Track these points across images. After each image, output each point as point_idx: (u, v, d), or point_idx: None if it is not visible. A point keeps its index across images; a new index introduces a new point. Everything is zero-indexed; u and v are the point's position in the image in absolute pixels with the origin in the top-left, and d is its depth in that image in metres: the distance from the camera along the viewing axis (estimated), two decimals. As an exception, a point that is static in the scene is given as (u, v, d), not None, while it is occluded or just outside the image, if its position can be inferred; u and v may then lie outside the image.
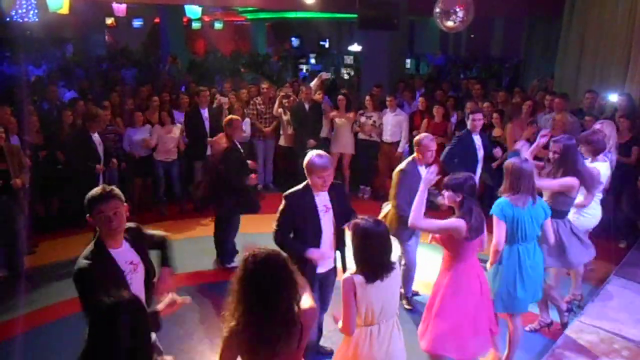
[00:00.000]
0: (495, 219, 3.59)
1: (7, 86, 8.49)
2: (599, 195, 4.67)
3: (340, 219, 3.54)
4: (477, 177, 5.07)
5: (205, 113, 7.19)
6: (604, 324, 4.19)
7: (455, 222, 3.27)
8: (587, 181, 4.12)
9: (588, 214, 4.59)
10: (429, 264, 4.96)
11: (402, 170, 4.49)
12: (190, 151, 7.24)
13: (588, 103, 6.93)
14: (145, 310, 2.14)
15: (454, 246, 3.34)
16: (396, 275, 2.81)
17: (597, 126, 5.24)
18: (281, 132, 8.04)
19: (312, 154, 3.52)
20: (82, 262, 2.53)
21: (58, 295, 4.86)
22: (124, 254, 2.67)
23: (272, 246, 2.44)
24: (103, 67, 12.78)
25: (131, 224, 2.79)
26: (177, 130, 7.05)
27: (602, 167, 4.60)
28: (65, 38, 16.23)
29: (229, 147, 5.32)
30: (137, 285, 2.67)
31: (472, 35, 18.47)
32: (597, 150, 4.61)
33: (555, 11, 9.45)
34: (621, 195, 6.09)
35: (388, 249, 2.76)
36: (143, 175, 7.14)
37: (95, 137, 5.97)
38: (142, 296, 2.65)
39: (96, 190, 2.61)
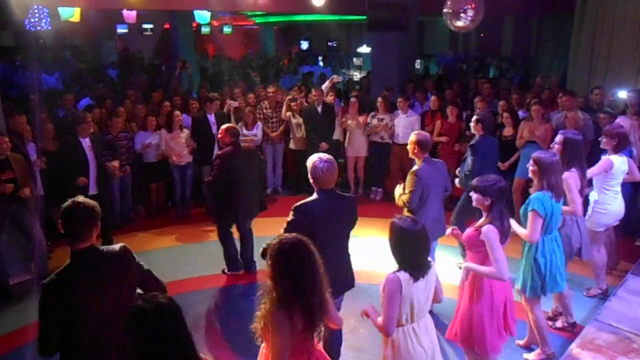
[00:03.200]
0: (534, 214, 3.64)
1: (21, 94, 8.60)
2: (616, 189, 4.65)
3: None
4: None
5: (212, 118, 7.24)
6: (622, 323, 4.14)
7: (490, 235, 3.17)
8: (582, 178, 4.17)
9: (603, 209, 4.59)
10: (444, 264, 4.96)
11: (414, 173, 4.52)
12: (197, 156, 7.28)
13: (597, 99, 6.88)
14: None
15: (484, 253, 3.25)
16: (433, 272, 2.84)
17: (617, 121, 5.23)
18: (291, 135, 8.06)
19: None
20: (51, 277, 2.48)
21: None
22: None
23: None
24: (112, 73, 12.90)
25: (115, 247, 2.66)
26: (184, 135, 7.10)
27: (616, 161, 4.58)
28: (77, 45, 16.40)
29: None
30: None
31: (482, 35, 18.37)
32: (620, 144, 4.61)
33: (566, 9, 9.39)
34: (636, 192, 6.03)
35: (427, 247, 2.81)
36: (156, 180, 7.21)
37: (86, 142, 5.77)
38: None
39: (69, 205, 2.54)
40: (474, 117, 5.60)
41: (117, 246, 2.63)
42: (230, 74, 13.99)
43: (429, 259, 2.82)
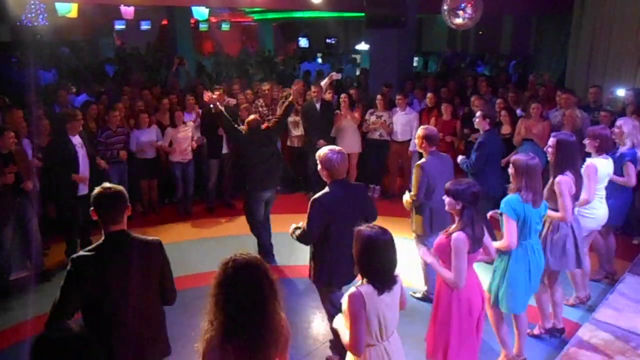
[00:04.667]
0: (505, 218, 3.55)
1: (18, 90, 8.56)
2: (601, 194, 4.53)
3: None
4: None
5: None
6: (619, 322, 4.14)
7: (458, 243, 3.06)
8: (577, 181, 4.02)
9: (590, 214, 4.48)
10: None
11: (420, 166, 4.57)
12: (206, 149, 7.30)
13: (593, 98, 6.87)
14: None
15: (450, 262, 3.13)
16: (399, 286, 2.67)
17: (618, 122, 5.11)
18: (290, 133, 8.03)
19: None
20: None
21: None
22: None
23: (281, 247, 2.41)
24: (109, 69, 12.86)
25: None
26: (188, 128, 7.08)
27: (600, 164, 4.45)
28: (74, 41, 16.35)
29: None
30: None
31: (481, 32, 18.34)
32: (602, 147, 4.51)
33: (564, 7, 9.38)
34: (634, 191, 6.02)
35: (394, 259, 2.60)
36: (148, 177, 7.16)
37: (76, 139, 5.66)
38: None
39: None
40: (479, 113, 5.55)
41: (150, 237, 2.80)
42: (228, 70, 13.96)
43: (396, 273, 2.64)
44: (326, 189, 3.59)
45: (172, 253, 2.91)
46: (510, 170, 3.71)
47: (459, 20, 6.19)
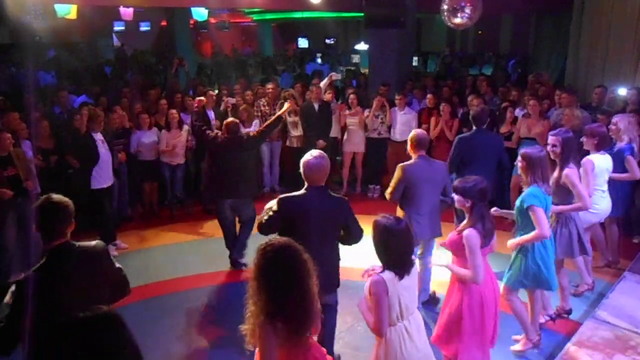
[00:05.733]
0: (535, 209, 3.61)
1: (17, 91, 8.56)
2: (602, 188, 4.64)
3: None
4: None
5: (211, 114, 7.20)
6: (619, 321, 4.14)
7: (470, 240, 3.16)
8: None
9: (593, 209, 4.53)
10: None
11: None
12: (197, 152, 7.26)
13: (597, 98, 6.88)
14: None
15: (466, 257, 3.24)
16: (415, 269, 2.84)
17: (614, 119, 5.23)
18: (289, 133, 8.03)
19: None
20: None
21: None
22: None
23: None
24: (108, 71, 12.86)
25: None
26: (185, 133, 7.07)
27: (598, 160, 4.57)
28: (73, 43, 16.35)
29: None
30: None
31: (480, 32, 18.35)
32: (600, 144, 4.61)
33: (564, 6, 9.39)
34: (634, 190, 6.04)
35: (411, 245, 2.80)
36: (150, 179, 7.16)
37: (98, 135, 5.92)
38: None
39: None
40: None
41: (93, 242, 2.65)
42: (227, 70, 13.96)
43: (413, 257, 2.82)
44: (299, 191, 3.46)
45: (171, 255, 2.90)
46: (521, 164, 3.78)
47: (458, 20, 6.20)
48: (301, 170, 3.44)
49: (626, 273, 4.93)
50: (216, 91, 8.47)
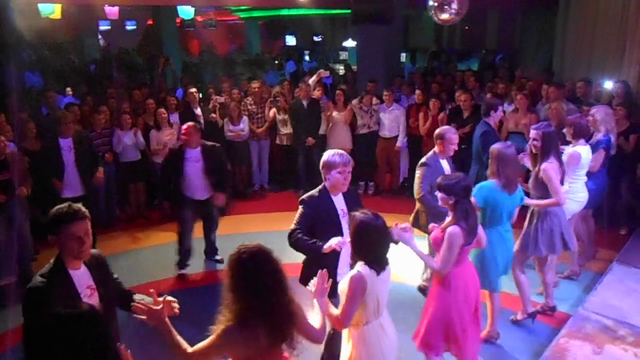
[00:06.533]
0: (473, 200, 3.59)
1: (2, 93, 8.45)
2: (583, 179, 4.69)
3: None
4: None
5: (198, 112, 7.16)
6: (608, 312, 4.20)
7: (452, 237, 3.15)
8: (563, 167, 4.22)
9: (575, 197, 4.63)
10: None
11: (424, 164, 4.49)
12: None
13: (581, 92, 6.95)
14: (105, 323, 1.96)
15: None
16: (389, 269, 2.82)
17: (592, 111, 5.30)
18: (279, 131, 8.01)
19: (332, 152, 3.40)
20: (37, 279, 2.40)
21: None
22: (82, 276, 2.53)
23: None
24: (92, 69, 12.75)
25: (94, 251, 2.66)
26: (174, 132, 7.00)
27: (582, 151, 4.61)
28: (58, 42, 16.15)
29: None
30: None
31: (467, 28, 18.42)
32: (579, 134, 4.65)
33: (550, 2, 9.44)
34: (620, 182, 6.11)
35: (387, 242, 2.80)
36: (135, 180, 7.05)
37: (66, 142, 5.59)
38: None
39: (63, 209, 2.43)
40: None
41: (95, 251, 2.65)
42: (214, 69, 13.89)
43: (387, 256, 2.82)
44: (316, 189, 3.46)
45: (160, 255, 2.89)
46: (490, 158, 3.86)
47: (445, 16, 6.20)
48: (324, 167, 3.40)
49: (614, 264, 5.00)
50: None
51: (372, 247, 2.72)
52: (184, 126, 5.37)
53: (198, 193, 5.38)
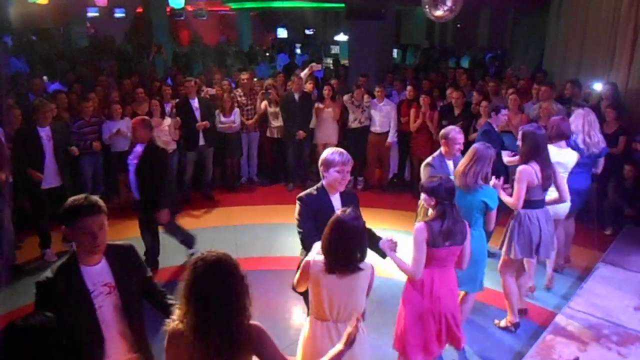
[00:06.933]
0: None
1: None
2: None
3: None
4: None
5: (195, 103, 7.08)
6: (593, 310, 4.24)
7: (415, 233, 3.16)
8: (543, 172, 4.05)
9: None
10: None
11: (428, 164, 4.38)
12: (182, 142, 7.16)
13: (569, 93, 7.02)
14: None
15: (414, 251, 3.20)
16: (361, 278, 2.69)
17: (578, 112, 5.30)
18: (269, 124, 7.96)
19: (332, 150, 3.33)
20: (45, 273, 2.30)
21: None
22: (99, 272, 2.38)
23: (246, 239, 2.30)
24: (80, 58, 12.55)
25: (124, 243, 2.53)
26: (167, 122, 6.89)
27: (569, 155, 4.60)
28: (45, 29, 15.89)
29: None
30: (107, 310, 2.37)
31: (459, 25, 18.49)
32: (557, 135, 4.61)
33: (542, 2, 9.50)
34: (607, 183, 6.19)
35: (356, 246, 2.66)
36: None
37: (45, 131, 5.46)
38: (113, 325, 2.40)
39: (79, 201, 2.30)
40: None
41: (122, 242, 2.54)
42: (205, 60, 13.78)
43: (362, 263, 2.69)
44: (313, 187, 3.40)
45: (143, 247, 2.82)
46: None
47: (439, 12, 6.21)
48: (323, 165, 3.32)
49: (599, 264, 5.06)
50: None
51: (335, 245, 2.63)
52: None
53: (135, 192, 5.25)
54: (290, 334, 4.34)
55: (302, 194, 3.36)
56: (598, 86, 6.97)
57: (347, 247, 2.64)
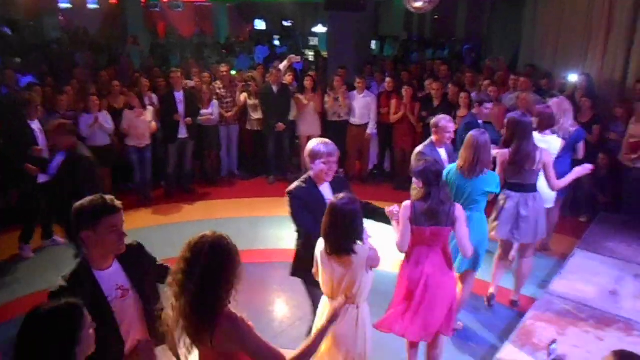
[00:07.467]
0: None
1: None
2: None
3: None
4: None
5: (180, 96, 6.97)
6: (570, 295, 4.35)
7: (402, 211, 3.31)
8: (518, 159, 4.18)
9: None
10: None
11: (420, 153, 4.46)
12: (163, 134, 7.08)
13: (545, 85, 7.14)
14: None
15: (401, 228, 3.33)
16: (357, 259, 2.77)
17: (549, 102, 5.44)
18: (249, 116, 7.91)
19: (317, 142, 3.34)
20: (57, 284, 2.20)
21: (15, 292, 4.76)
22: (112, 276, 2.32)
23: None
24: (54, 47, 12.28)
25: (131, 242, 2.46)
26: (148, 113, 6.81)
27: (554, 141, 4.76)
28: (16, 20, 15.44)
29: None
30: (124, 313, 2.33)
31: (436, 17, 18.58)
32: (544, 123, 4.78)
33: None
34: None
35: (348, 229, 2.75)
36: (102, 165, 6.76)
37: (35, 124, 5.41)
38: (135, 327, 2.38)
39: (98, 201, 2.26)
40: None
41: (130, 241, 2.47)
42: (183, 52, 13.58)
43: (357, 246, 2.77)
44: (301, 179, 3.40)
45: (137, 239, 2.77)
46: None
47: (418, 4, 6.24)
48: (309, 156, 3.34)
49: (576, 250, 5.18)
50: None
51: (330, 229, 2.77)
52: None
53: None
54: (274, 326, 4.36)
55: (291, 187, 3.34)
56: (573, 77, 7.10)
57: (339, 231, 2.76)
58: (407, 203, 3.33)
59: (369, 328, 2.99)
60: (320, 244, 2.89)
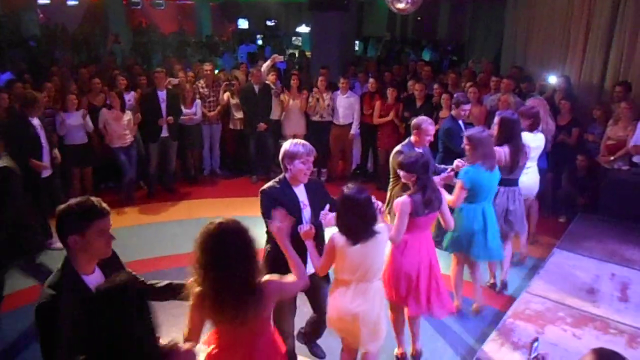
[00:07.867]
0: (460, 183, 4.02)
1: None
2: (528, 165, 4.87)
3: (318, 216, 3.26)
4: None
5: (163, 95, 6.89)
6: (549, 294, 4.41)
7: (400, 206, 3.48)
8: (513, 155, 4.44)
9: (526, 180, 4.91)
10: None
11: (399, 152, 4.44)
12: (144, 133, 7.01)
13: (525, 88, 7.25)
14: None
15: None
16: (380, 239, 3.01)
17: (528, 102, 5.64)
18: (232, 116, 7.87)
19: (294, 142, 3.29)
20: (46, 293, 2.08)
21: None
22: (97, 281, 2.23)
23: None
24: (33, 44, 12.06)
25: None
26: (126, 117, 6.67)
27: (528, 137, 4.87)
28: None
29: None
30: None
31: (419, 18, 18.70)
32: (534, 124, 4.99)
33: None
34: (561, 173, 6.43)
35: (369, 216, 2.95)
36: (80, 164, 6.60)
37: (36, 121, 5.46)
38: None
39: (87, 203, 2.17)
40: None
41: None
42: (164, 50, 13.46)
43: (376, 227, 2.97)
44: (276, 180, 3.37)
45: (121, 239, 2.71)
46: (467, 145, 4.11)
47: (401, 5, 6.28)
48: (286, 157, 3.27)
49: (555, 249, 5.25)
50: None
51: (350, 220, 2.91)
52: None
53: None
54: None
55: (264, 186, 3.30)
56: (552, 79, 7.21)
57: (360, 218, 2.91)
58: (405, 199, 3.47)
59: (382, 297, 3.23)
60: (336, 236, 2.95)
